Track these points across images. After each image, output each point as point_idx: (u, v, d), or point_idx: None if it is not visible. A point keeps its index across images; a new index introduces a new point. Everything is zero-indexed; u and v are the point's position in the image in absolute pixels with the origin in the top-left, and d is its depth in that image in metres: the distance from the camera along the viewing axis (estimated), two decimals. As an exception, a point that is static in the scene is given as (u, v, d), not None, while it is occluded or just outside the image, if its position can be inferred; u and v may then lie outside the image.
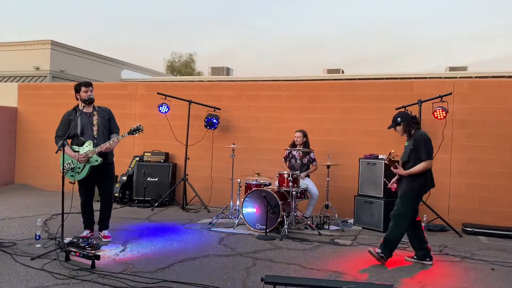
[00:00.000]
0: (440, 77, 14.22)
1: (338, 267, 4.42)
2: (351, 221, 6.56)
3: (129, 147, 8.54)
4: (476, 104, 6.74)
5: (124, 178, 8.04)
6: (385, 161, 5.06)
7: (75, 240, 4.58)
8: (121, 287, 3.58)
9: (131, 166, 8.24)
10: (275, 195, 5.77)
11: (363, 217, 6.46)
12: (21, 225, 5.73)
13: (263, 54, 58.36)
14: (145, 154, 8.28)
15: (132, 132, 4.96)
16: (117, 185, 7.81)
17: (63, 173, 4.83)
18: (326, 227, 6.20)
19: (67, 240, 4.54)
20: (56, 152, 4.59)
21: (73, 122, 4.89)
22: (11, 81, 15.72)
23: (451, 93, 6.45)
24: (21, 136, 9.56)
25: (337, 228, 6.23)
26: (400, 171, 4.67)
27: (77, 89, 5.04)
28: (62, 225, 4.56)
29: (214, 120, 7.76)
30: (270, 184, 6.39)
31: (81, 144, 4.94)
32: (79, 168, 4.91)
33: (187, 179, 7.69)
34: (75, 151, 4.91)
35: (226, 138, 7.88)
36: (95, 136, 4.96)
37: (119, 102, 8.69)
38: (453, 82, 7.05)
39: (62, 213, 4.57)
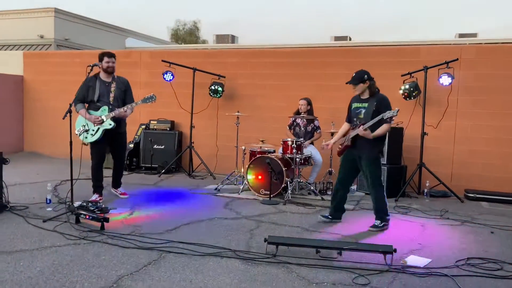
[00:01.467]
0: (449, 44, 13.98)
1: (340, 230, 4.54)
2: (354, 187, 6.65)
3: (135, 115, 8.59)
4: (483, 71, 6.67)
5: (131, 145, 8.15)
6: (340, 147, 4.78)
7: (85, 204, 4.73)
8: (129, 247, 3.72)
9: (138, 134, 8.33)
10: (279, 162, 5.85)
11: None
12: (32, 190, 5.89)
13: (269, 22, 57.31)
14: (151, 122, 8.35)
15: (145, 100, 5.32)
16: (124, 153, 7.93)
17: (78, 135, 5.20)
18: (329, 193, 6.30)
19: (76, 204, 4.68)
20: (63, 118, 4.66)
21: (91, 89, 5.21)
22: (16, 50, 15.68)
23: (457, 59, 6.38)
24: (28, 104, 9.65)
25: (353, 194, 6.31)
26: (368, 133, 4.40)
27: (100, 58, 5.30)
28: (72, 189, 4.70)
29: (219, 88, 7.76)
30: (274, 151, 6.46)
31: (97, 109, 5.24)
32: (93, 130, 5.20)
33: (193, 146, 7.79)
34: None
35: (231, 106, 7.90)
36: (111, 103, 5.27)
37: (124, 70, 8.64)
38: (460, 48, 6.95)
39: (71, 179, 4.71)
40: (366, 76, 4.53)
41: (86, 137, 5.22)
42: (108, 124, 5.19)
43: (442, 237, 4.40)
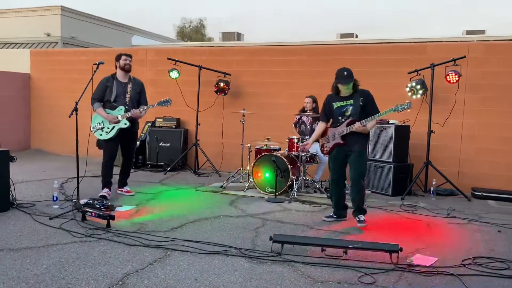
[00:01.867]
0: (456, 41, 13.86)
1: (346, 228, 4.52)
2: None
3: (144, 112, 8.61)
4: (491, 68, 6.60)
5: (137, 143, 8.16)
6: (328, 146, 4.75)
7: (91, 201, 4.75)
8: (135, 245, 3.73)
9: (144, 132, 8.36)
10: (285, 160, 5.84)
11: (373, 181, 6.51)
12: (38, 187, 5.93)
13: (275, 20, 57.17)
14: (157, 119, 8.37)
15: (161, 103, 5.55)
16: (130, 150, 7.96)
17: (93, 131, 5.40)
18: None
19: (83, 201, 4.70)
20: (69, 116, 4.68)
21: (109, 89, 5.39)
22: (23, 48, 15.77)
23: (464, 56, 6.31)
24: (35, 102, 9.70)
25: (346, 192, 6.29)
26: (365, 129, 4.43)
27: (118, 58, 5.50)
28: (78, 187, 4.73)
29: (225, 86, 7.76)
30: (280, 149, 6.45)
31: (113, 108, 5.42)
32: (108, 128, 5.39)
33: (198, 144, 7.80)
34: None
35: (236, 104, 7.89)
36: (127, 103, 5.46)
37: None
38: (468, 45, 6.88)
39: (78, 176, 4.74)
40: (352, 73, 4.52)
41: (101, 134, 5.41)
42: (124, 123, 5.39)
43: (449, 236, 4.37)
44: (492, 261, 3.60)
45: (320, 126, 4.87)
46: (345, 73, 4.49)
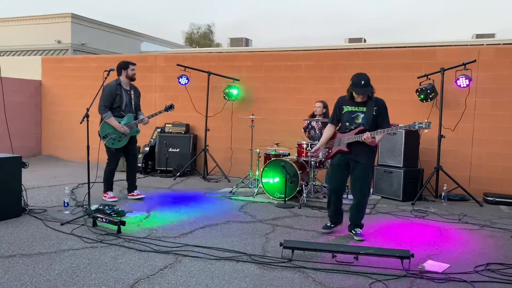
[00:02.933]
0: (466, 45, 13.76)
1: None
2: (371, 190, 6.57)
3: (151, 119, 8.67)
4: (502, 72, 6.54)
5: (147, 149, 8.22)
6: (330, 151, 4.49)
7: (101, 207, 4.78)
8: (145, 251, 3.75)
9: (153, 137, 8.41)
10: (294, 165, 5.83)
11: (382, 186, 6.48)
12: (50, 193, 5.99)
13: (282, 25, 57.31)
14: (166, 125, 8.42)
15: (167, 109, 5.90)
16: (139, 156, 8.01)
17: (104, 141, 5.46)
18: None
19: (93, 207, 4.73)
20: (80, 123, 4.74)
21: (119, 97, 5.46)
22: (34, 55, 16.00)
23: (475, 61, 6.27)
24: (46, 109, 9.82)
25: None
26: (374, 141, 4.14)
27: (126, 66, 5.57)
28: (89, 193, 4.77)
29: (234, 91, 7.79)
30: (289, 154, 6.44)
31: (121, 117, 5.50)
32: (120, 137, 5.49)
33: (207, 149, 7.82)
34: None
35: (245, 109, 7.91)
36: (133, 110, 5.63)
37: (140, 74, 8.66)
38: (478, 49, 6.83)
39: (88, 182, 4.78)
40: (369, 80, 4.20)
41: (113, 143, 5.49)
42: (135, 131, 5.60)
43: (461, 242, 4.32)
44: (505, 268, 3.55)
45: (328, 129, 4.52)
46: (363, 82, 4.14)
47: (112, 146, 5.49)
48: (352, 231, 4.37)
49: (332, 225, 4.58)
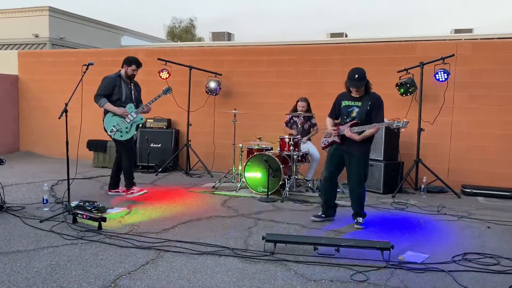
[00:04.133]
0: (445, 40, 13.99)
1: (338, 226, 4.54)
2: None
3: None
4: (479, 66, 6.68)
5: (128, 144, 8.11)
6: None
7: (82, 203, 4.72)
8: (127, 247, 3.71)
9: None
10: (277, 159, 5.85)
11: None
12: (28, 190, 5.87)
13: (265, 20, 57.21)
14: (148, 120, 8.31)
15: (165, 92, 5.75)
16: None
17: (111, 136, 5.41)
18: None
19: (73, 203, 4.67)
20: (59, 118, 4.64)
21: (118, 88, 5.44)
22: (11, 49, 15.60)
23: (453, 55, 6.39)
24: (23, 104, 9.59)
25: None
26: (355, 136, 4.39)
27: (129, 64, 5.55)
28: (68, 189, 4.69)
29: (216, 86, 7.75)
30: (271, 149, 6.46)
31: (123, 107, 5.47)
32: (127, 128, 5.46)
33: (189, 145, 7.77)
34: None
35: (227, 104, 7.88)
36: (134, 103, 5.60)
37: (119, 69, 8.64)
38: (456, 44, 6.96)
39: (68, 178, 4.69)
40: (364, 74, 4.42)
41: (122, 136, 5.43)
42: (140, 119, 5.54)
43: (439, 233, 4.41)
44: (482, 257, 3.65)
45: (328, 121, 4.78)
46: (356, 76, 4.37)
47: (121, 138, 5.44)
48: (354, 220, 4.58)
49: (322, 215, 4.73)
